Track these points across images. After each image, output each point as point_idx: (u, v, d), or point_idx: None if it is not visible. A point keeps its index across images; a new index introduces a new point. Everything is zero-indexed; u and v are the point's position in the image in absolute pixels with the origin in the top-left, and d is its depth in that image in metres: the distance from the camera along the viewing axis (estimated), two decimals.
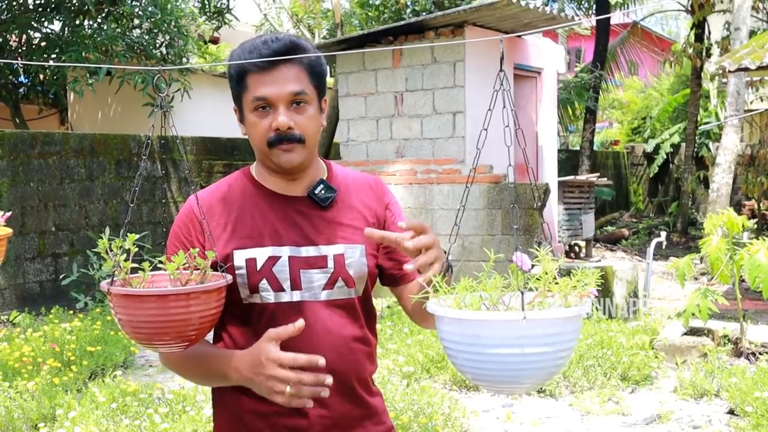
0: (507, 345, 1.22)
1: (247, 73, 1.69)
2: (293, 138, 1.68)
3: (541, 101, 9.67)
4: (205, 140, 10.18)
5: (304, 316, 1.68)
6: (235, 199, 1.77)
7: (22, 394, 4.71)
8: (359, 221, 1.78)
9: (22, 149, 7.98)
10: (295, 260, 1.71)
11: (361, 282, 1.77)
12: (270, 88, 1.67)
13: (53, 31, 10.11)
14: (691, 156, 14.97)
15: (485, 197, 8.05)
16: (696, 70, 14.49)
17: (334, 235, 1.75)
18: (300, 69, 1.70)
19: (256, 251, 1.71)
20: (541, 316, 1.22)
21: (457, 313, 1.27)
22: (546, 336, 1.23)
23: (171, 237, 1.78)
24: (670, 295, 9.00)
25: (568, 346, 1.28)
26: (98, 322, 6.60)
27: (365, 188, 1.84)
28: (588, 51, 21.34)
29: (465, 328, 1.25)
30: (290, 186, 1.77)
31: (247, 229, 1.73)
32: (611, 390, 5.19)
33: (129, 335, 1.51)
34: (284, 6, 15.86)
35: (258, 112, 1.69)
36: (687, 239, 13.86)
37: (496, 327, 1.23)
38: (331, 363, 1.62)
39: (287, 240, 1.72)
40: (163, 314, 1.44)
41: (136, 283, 1.52)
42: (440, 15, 8.24)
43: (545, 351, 1.24)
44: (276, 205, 1.76)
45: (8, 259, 7.63)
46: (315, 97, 1.74)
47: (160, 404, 4.57)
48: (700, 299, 5.48)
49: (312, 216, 1.75)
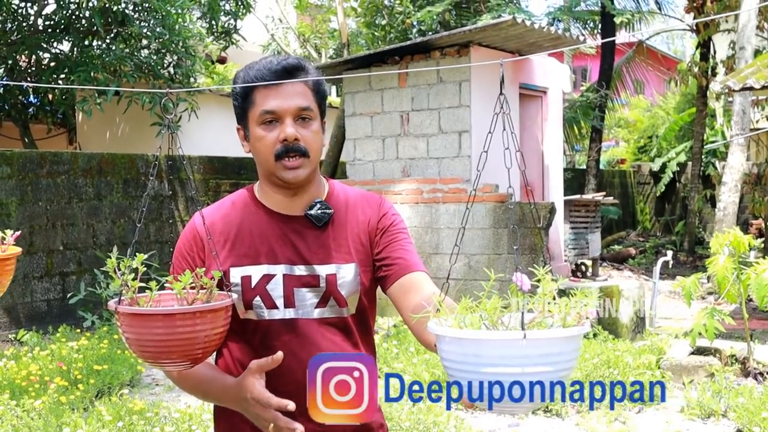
0: (506, 365, 1.23)
1: (255, 89, 1.75)
2: (299, 150, 1.73)
3: (546, 120, 9.70)
4: (213, 159, 10.23)
5: (297, 333, 1.74)
6: (236, 217, 1.82)
7: (29, 413, 4.72)
8: (353, 240, 1.81)
9: (31, 168, 8.03)
10: (289, 278, 1.75)
11: (353, 301, 1.80)
12: (277, 102, 1.73)
13: (62, 52, 10.20)
14: (698, 175, 14.97)
15: (491, 216, 8.06)
16: (702, 89, 14.52)
17: (328, 255, 1.78)
18: (305, 86, 1.76)
19: (251, 269, 1.76)
20: (540, 336, 1.24)
21: (457, 333, 1.28)
22: (545, 356, 1.24)
23: (176, 253, 1.84)
24: (677, 314, 8.97)
25: (568, 366, 1.29)
26: (105, 340, 6.61)
27: (364, 205, 1.87)
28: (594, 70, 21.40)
29: (465, 348, 1.27)
30: (290, 205, 1.81)
31: (245, 246, 1.78)
32: (618, 410, 5.17)
33: (136, 354, 1.53)
34: (291, 26, 15.97)
35: (265, 125, 1.74)
36: (694, 258, 13.82)
37: (495, 346, 1.24)
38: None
39: (282, 258, 1.76)
40: (170, 333, 1.46)
41: (143, 302, 1.54)
42: (446, 35, 8.29)
43: (545, 371, 1.25)
44: (274, 224, 1.80)
45: (16, 277, 7.66)
46: (318, 115, 1.79)
47: (167, 423, 4.58)
48: (706, 319, 5.47)
49: (308, 235, 1.79)
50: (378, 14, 14.14)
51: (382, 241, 1.82)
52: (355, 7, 14.89)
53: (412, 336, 6.81)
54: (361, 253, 1.81)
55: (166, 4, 9.21)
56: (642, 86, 19.93)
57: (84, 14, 9.66)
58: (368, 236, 1.83)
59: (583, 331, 1.30)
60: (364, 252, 1.81)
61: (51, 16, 9.92)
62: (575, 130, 16.15)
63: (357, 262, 1.80)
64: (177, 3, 9.44)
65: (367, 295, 1.83)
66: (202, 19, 11.31)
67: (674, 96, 20.96)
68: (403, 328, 7.14)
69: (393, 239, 1.82)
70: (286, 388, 1.68)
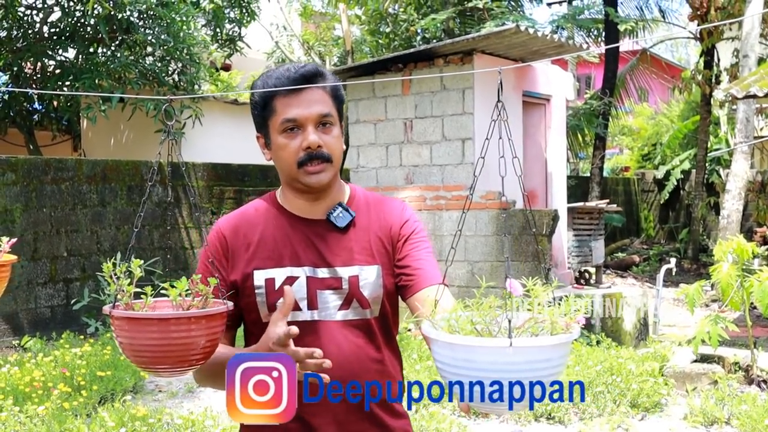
0: (496, 370, 1.24)
1: (274, 97, 1.76)
2: (322, 156, 1.76)
3: (550, 128, 9.70)
4: (216, 166, 10.25)
5: (319, 334, 1.76)
6: (259, 222, 1.85)
7: (32, 419, 4.73)
8: (375, 243, 1.82)
9: (36, 175, 8.06)
10: (312, 281, 1.77)
11: (376, 303, 1.81)
12: (299, 110, 1.75)
13: (67, 59, 10.25)
14: (702, 182, 14.95)
15: (494, 223, 8.06)
16: (705, 97, 14.52)
17: (350, 257, 1.80)
18: (324, 92, 1.78)
19: (275, 271, 1.78)
20: (527, 344, 1.25)
21: (448, 338, 1.29)
22: (533, 362, 1.25)
23: (201, 256, 1.87)
24: (681, 321, 8.96)
25: (557, 371, 1.30)
26: (108, 347, 6.62)
27: (386, 209, 1.88)
28: (597, 78, 21.42)
29: (456, 352, 1.28)
30: (311, 209, 1.83)
31: (268, 250, 1.80)
32: (621, 417, 5.16)
33: (130, 359, 1.53)
34: (295, 33, 16.01)
35: (287, 133, 1.76)
36: (698, 266, 13.80)
37: (484, 353, 1.25)
38: (342, 381, 1.69)
39: (306, 261, 1.78)
40: (164, 338, 1.47)
41: (138, 307, 1.55)
42: (449, 43, 8.31)
43: (532, 376, 1.26)
44: (296, 228, 1.82)
45: (20, 284, 7.68)
46: (338, 120, 1.81)
47: (169, 429, 4.59)
48: (710, 326, 5.46)
49: (330, 238, 1.81)
50: (382, 22, 14.18)
51: (404, 249, 1.83)
52: (360, 15, 14.93)
53: (415, 342, 6.82)
54: (384, 256, 1.82)
55: (170, 12, 9.25)
56: (646, 94, 19.93)
57: (89, 22, 9.71)
58: (390, 241, 1.84)
59: (570, 339, 1.31)
60: (386, 255, 1.83)
61: (56, 24, 9.97)
62: (579, 138, 16.14)
63: (380, 264, 1.81)
64: (182, 11, 9.48)
65: (389, 298, 1.84)
66: (206, 26, 11.35)
67: (678, 104, 20.96)
68: (405, 335, 7.13)
69: (414, 248, 1.84)
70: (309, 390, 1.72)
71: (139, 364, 1.52)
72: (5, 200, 7.77)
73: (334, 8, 14.83)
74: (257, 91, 1.79)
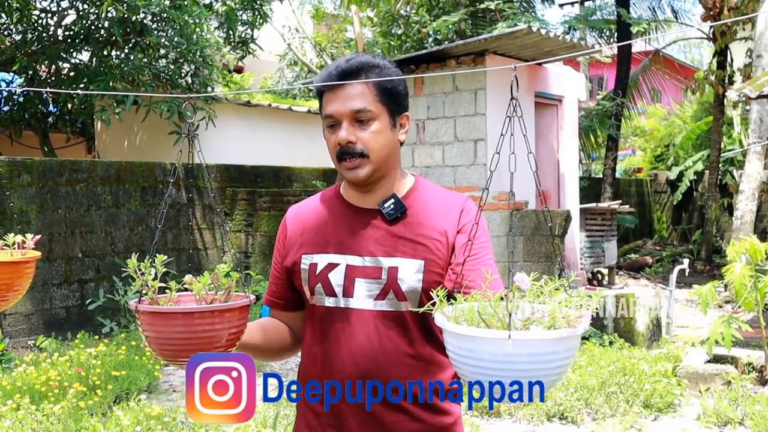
0: (497, 360, 1.27)
1: (323, 93, 1.83)
2: (354, 152, 1.78)
3: (562, 129, 9.69)
4: (229, 168, 10.30)
5: (350, 322, 1.79)
6: (317, 209, 1.92)
7: (49, 417, 4.77)
8: (425, 239, 1.81)
9: (51, 177, 8.13)
10: (351, 269, 1.80)
11: (413, 297, 1.79)
12: (335, 106, 1.79)
13: (81, 62, 10.32)
14: (715, 183, 14.90)
15: (506, 224, 8.07)
16: (719, 98, 14.46)
17: (394, 248, 1.80)
18: (365, 86, 1.79)
19: (318, 257, 1.84)
20: (526, 338, 1.26)
21: (453, 327, 1.32)
22: (533, 355, 1.26)
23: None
24: (694, 323, 8.94)
25: (562, 364, 1.31)
26: (123, 347, 6.67)
27: (444, 208, 1.86)
28: (610, 79, 21.36)
29: (461, 342, 1.31)
30: (364, 198, 1.87)
31: (318, 236, 1.86)
32: (634, 417, 5.16)
33: (155, 352, 1.56)
34: (308, 35, 16.05)
35: (329, 129, 1.82)
36: (711, 267, 13.75)
37: (485, 344, 1.27)
38: (368, 371, 1.74)
39: (348, 249, 1.82)
40: (189, 331, 1.50)
41: (162, 302, 1.58)
42: (461, 44, 8.32)
43: (535, 369, 1.28)
44: (347, 216, 1.86)
45: (36, 284, 7.74)
46: (383, 112, 1.81)
47: (184, 428, 4.62)
48: (723, 326, 5.44)
49: (378, 228, 1.83)
50: (394, 24, 14.20)
51: (463, 254, 1.74)
52: (372, 17, 14.96)
53: None
54: (431, 253, 1.79)
55: (183, 14, 9.30)
56: (659, 95, 19.87)
57: (103, 24, 9.77)
58: (446, 242, 1.81)
59: (573, 333, 1.31)
60: (435, 253, 1.80)
61: (70, 27, 10.04)
62: (591, 139, 16.12)
63: (423, 260, 1.79)
64: (194, 13, 9.53)
65: (427, 296, 1.77)
66: (219, 28, 11.40)
67: (691, 104, 20.89)
68: None
69: (474, 255, 1.77)
70: (335, 377, 1.76)
71: (164, 357, 1.55)
72: (21, 201, 7.83)
73: (346, 10, 14.86)
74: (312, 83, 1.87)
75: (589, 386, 5.48)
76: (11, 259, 2.19)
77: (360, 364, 1.74)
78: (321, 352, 1.82)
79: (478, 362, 1.29)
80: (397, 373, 1.77)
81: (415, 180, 1.93)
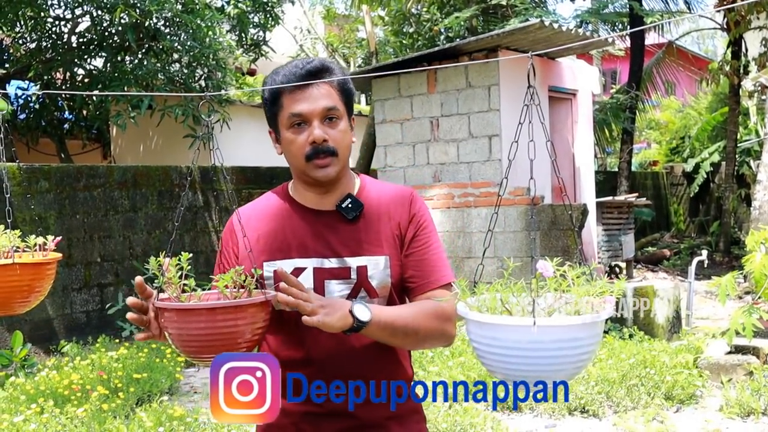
0: (522, 348, 1.27)
1: (282, 94, 1.81)
2: (328, 151, 1.79)
3: (576, 123, 9.67)
4: (245, 170, 10.33)
5: None
6: (270, 214, 1.90)
7: (72, 420, 4.81)
8: (385, 234, 1.85)
9: (68, 182, 8.19)
10: (319, 271, 1.81)
11: (384, 293, 1.83)
12: (304, 105, 1.79)
13: (96, 68, 10.39)
14: (732, 174, 14.79)
15: (523, 219, 8.05)
16: (734, 88, 14.36)
17: (359, 247, 1.83)
18: (330, 87, 1.82)
19: (283, 263, 1.82)
20: (551, 323, 1.26)
21: (476, 316, 1.33)
22: (559, 341, 1.26)
23: (219, 250, 1.95)
24: (714, 314, 8.89)
25: (587, 350, 1.31)
26: (144, 350, 6.71)
27: (395, 201, 1.90)
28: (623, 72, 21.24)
29: (484, 330, 1.31)
30: (321, 200, 1.87)
31: (277, 242, 1.85)
32: (655, 409, 5.14)
33: (178, 349, 1.57)
34: (319, 36, 16.08)
35: (294, 128, 1.81)
36: (730, 258, 13.65)
37: (509, 331, 1.28)
38: (349, 369, 1.77)
39: (313, 252, 1.82)
40: (212, 327, 1.51)
41: (183, 299, 1.59)
42: (473, 40, 8.32)
43: (561, 355, 1.28)
44: (306, 219, 1.86)
45: (56, 289, 7.80)
46: (345, 113, 1.84)
47: (206, 428, 4.65)
48: (744, 317, 5.41)
49: (339, 229, 1.84)
50: (405, 22, 14.20)
51: (410, 248, 1.86)
52: (383, 16, 14.96)
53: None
54: (392, 247, 1.85)
55: (196, 18, 9.34)
56: (673, 87, 19.75)
57: (116, 30, 9.84)
58: (400, 233, 1.87)
59: (597, 319, 1.31)
60: (395, 246, 1.85)
61: (84, 34, 10.12)
62: (606, 133, 16.04)
63: (388, 255, 1.84)
64: (207, 16, 9.58)
65: (397, 288, 1.87)
66: (231, 31, 11.44)
67: (706, 96, 20.75)
68: None
69: (420, 246, 1.86)
70: (315, 378, 1.77)
71: (187, 353, 1.57)
72: (39, 208, 7.90)
73: (357, 10, 14.88)
74: (266, 88, 1.84)
75: (609, 379, 5.46)
76: (33, 261, 2.23)
77: (340, 363, 1.76)
78: (296, 355, 1.81)
79: (502, 350, 1.29)
80: (374, 367, 1.81)
81: (361, 178, 1.95)
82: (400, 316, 1.75)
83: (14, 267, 2.15)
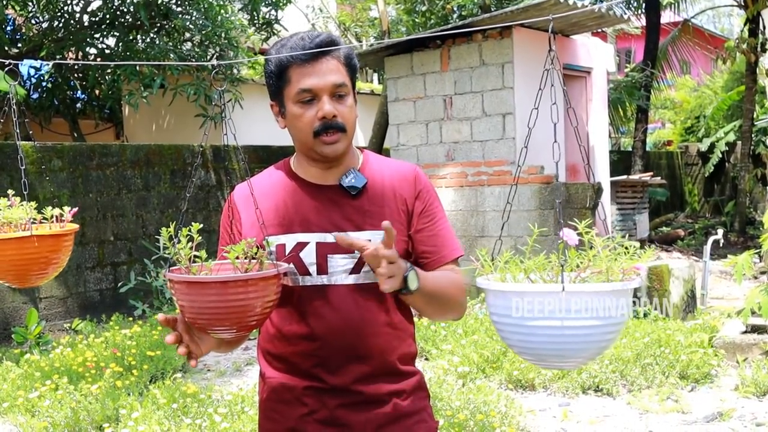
0: (547, 317, 1.22)
1: (289, 67, 1.77)
2: (337, 126, 1.77)
3: (591, 101, 9.58)
4: (257, 149, 10.31)
5: (328, 299, 1.78)
6: (272, 189, 1.88)
7: (87, 397, 4.83)
8: (389, 209, 1.84)
9: (81, 161, 8.19)
10: (322, 246, 1.79)
11: None
12: (314, 80, 1.76)
13: (108, 47, 10.37)
14: (748, 154, 14.64)
15: (537, 198, 8.00)
16: (751, 66, 14.19)
17: (363, 221, 1.81)
18: (339, 62, 1.79)
19: (285, 237, 1.81)
20: (580, 289, 1.22)
21: (500, 286, 1.29)
22: (588, 310, 1.22)
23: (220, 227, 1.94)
24: (729, 294, 8.83)
25: (615, 322, 1.26)
26: (157, 327, 6.73)
27: (399, 177, 1.89)
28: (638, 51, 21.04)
29: (507, 301, 1.27)
30: (324, 175, 1.85)
31: (280, 217, 1.83)
32: (670, 388, 5.11)
33: (189, 321, 1.56)
34: (331, 15, 15.99)
35: (302, 104, 1.78)
36: (745, 239, 13.56)
37: (535, 299, 1.23)
38: (353, 344, 1.76)
39: (316, 227, 1.81)
40: (223, 300, 1.49)
41: (195, 270, 1.57)
42: (487, 17, 8.24)
43: (588, 325, 1.23)
44: (309, 194, 1.84)
45: (70, 267, 7.83)
46: (351, 89, 1.82)
47: (220, 405, 4.65)
48: (760, 296, 5.36)
49: (342, 204, 1.83)
50: (418, 1, 14.09)
51: (420, 223, 1.86)
52: None
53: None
54: (398, 222, 1.83)
55: None
56: (688, 66, 19.55)
57: (128, 9, 9.80)
58: (406, 210, 1.86)
59: (627, 286, 1.27)
60: (401, 222, 1.84)
61: (96, 13, 10.09)
62: (620, 112, 15.91)
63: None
64: None
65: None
66: (243, 10, 11.38)
67: (722, 75, 20.53)
68: None
69: (430, 221, 1.87)
70: (318, 353, 1.77)
71: (198, 326, 1.55)
72: (53, 186, 7.91)
73: None
74: (272, 56, 1.80)
75: (624, 358, 5.43)
76: (51, 232, 2.21)
77: (344, 338, 1.75)
78: (299, 330, 1.79)
79: (526, 321, 1.25)
80: (378, 341, 1.79)
81: (364, 154, 1.94)
82: (439, 286, 1.76)
83: (32, 239, 2.14)
